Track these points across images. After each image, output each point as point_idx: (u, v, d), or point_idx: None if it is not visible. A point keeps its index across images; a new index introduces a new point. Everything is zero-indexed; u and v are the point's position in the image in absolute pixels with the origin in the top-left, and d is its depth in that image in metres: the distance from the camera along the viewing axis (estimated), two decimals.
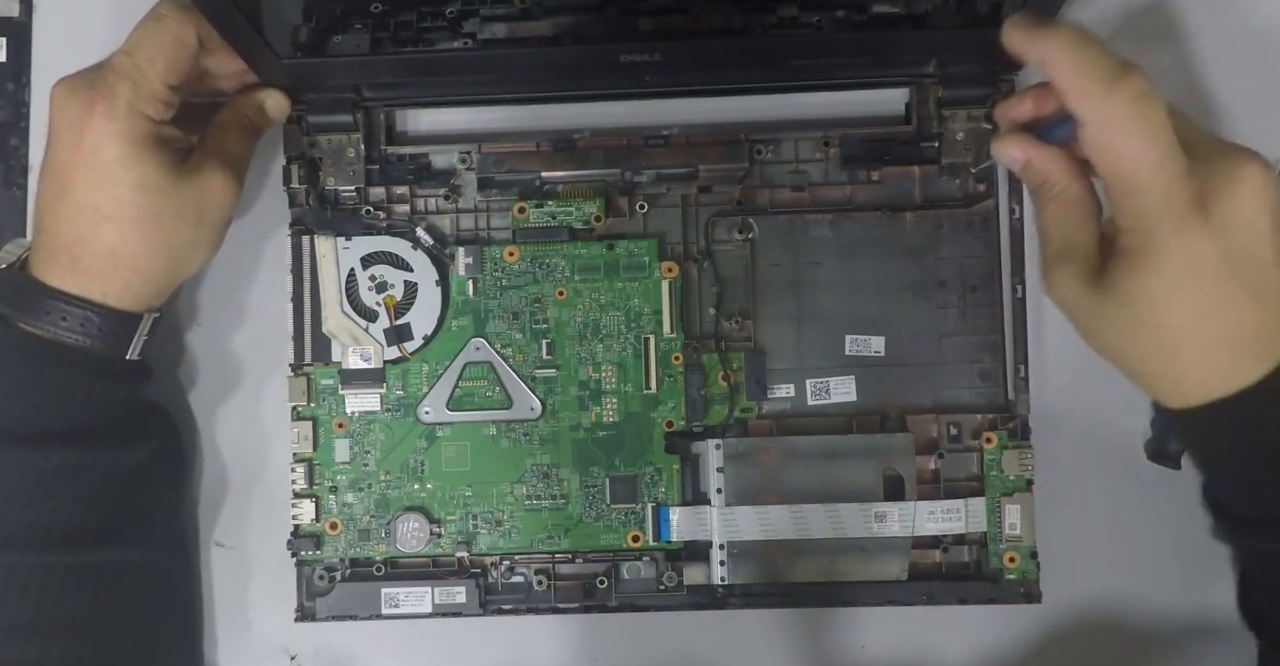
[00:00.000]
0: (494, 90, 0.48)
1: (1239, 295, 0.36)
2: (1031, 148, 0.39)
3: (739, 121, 0.48)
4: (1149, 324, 0.37)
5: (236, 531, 0.49)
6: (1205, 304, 0.36)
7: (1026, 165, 0.39)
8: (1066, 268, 0.38)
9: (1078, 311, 0.39)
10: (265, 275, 0.50)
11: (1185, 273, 0.36)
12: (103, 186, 0.40)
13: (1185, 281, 0.36)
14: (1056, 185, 0.39)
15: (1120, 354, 0.39)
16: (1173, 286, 0.36)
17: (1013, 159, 0.40)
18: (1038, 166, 0.39)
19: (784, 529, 0.46)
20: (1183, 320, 0.36)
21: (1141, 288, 0.36)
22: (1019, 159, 0.39)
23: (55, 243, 0.41)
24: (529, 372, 0.48)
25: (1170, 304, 0.36)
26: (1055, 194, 0.39)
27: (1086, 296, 0.38)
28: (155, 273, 0.42)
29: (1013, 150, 0.39)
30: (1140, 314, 0.37)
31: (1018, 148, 0.39)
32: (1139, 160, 0.35)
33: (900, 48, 0.45)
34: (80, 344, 0.41)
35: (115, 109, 0.40)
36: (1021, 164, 0.40)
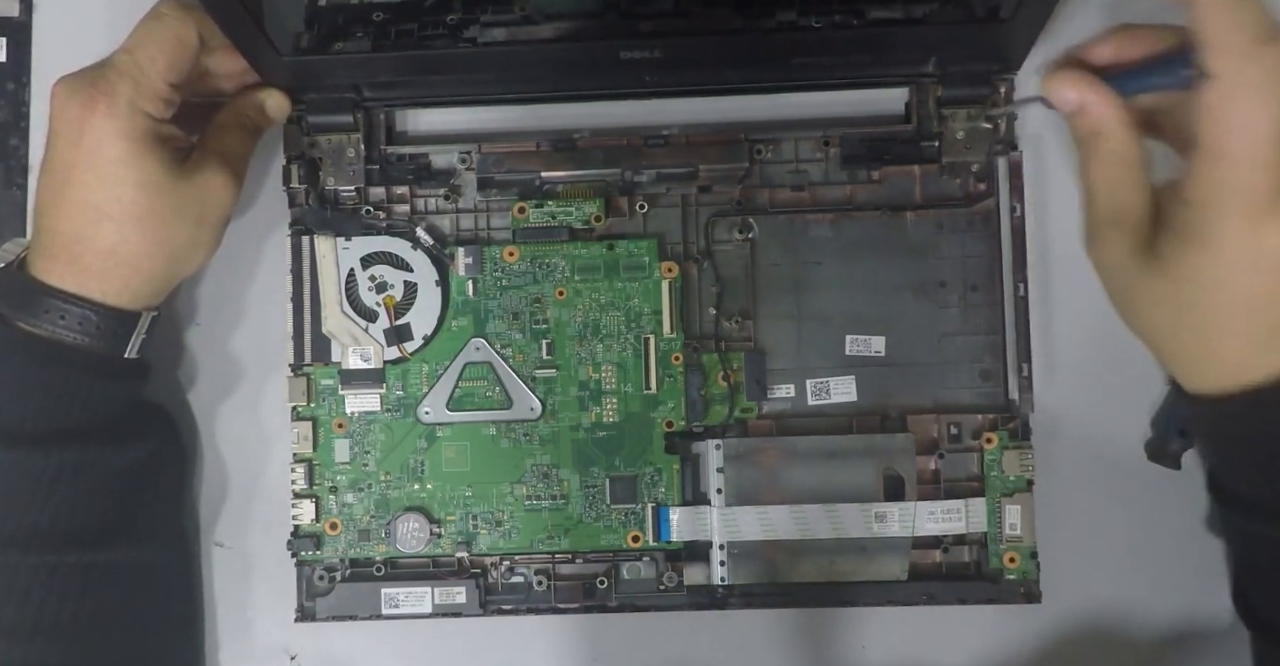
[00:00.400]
0: (494, 90, 0.48)
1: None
2: (1090, 89, 0.36)
3: (739, 121, 0.48)
4: (1192, 304, 0.36)
5: (236, 531, 0.49)
6: (1255, 296, 0.35)
7: (1081, 110, 0.36)
8: (1114, 233, 0.37)
9: (1120, 280, 0.37)
10: (265, 275, 0.50)
11: (1245, 261, 0.34)
12: (103, 185, 0.40)
13: (1242, 269, 0.34)
14: (1113, 139, 0.36)
15: (1156, 330, 0.38)
16: (1228, 272, 0.35)
17: (1064, 99, 0.36)
18: (1096, 113, 0.36)
19: (784, 529, 0.46)
20: (1227, 307, 0.35)
21: (1197, 267, 0.35)
22: (1072, 99, 0.36)
23: (55, 241, 0.41)
24: (529, 373, 0.48)
25: (1219, 288, 0.35)
26: (1110, 148, 0.36)
27: (1133, 266, 0.37)
28: (154, 271, 0.42)
29: (1066, 89, 0.36)
30: (1186, 292, 0.36)
31: (1073, 86, 0.36)
32: (1253, 133, 0.33)
33: (900, 47, 0.45)
34: (79, 343, 0.41)
35: (116, 107, 0.40)
36: (1075, 106, 0.36)
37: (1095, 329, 0.48)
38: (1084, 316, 0.48)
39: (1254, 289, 0.35)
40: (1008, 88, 0.47)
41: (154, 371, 0.46)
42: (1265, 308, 0.35)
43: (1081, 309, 0.48)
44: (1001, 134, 0.47)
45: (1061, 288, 0.48)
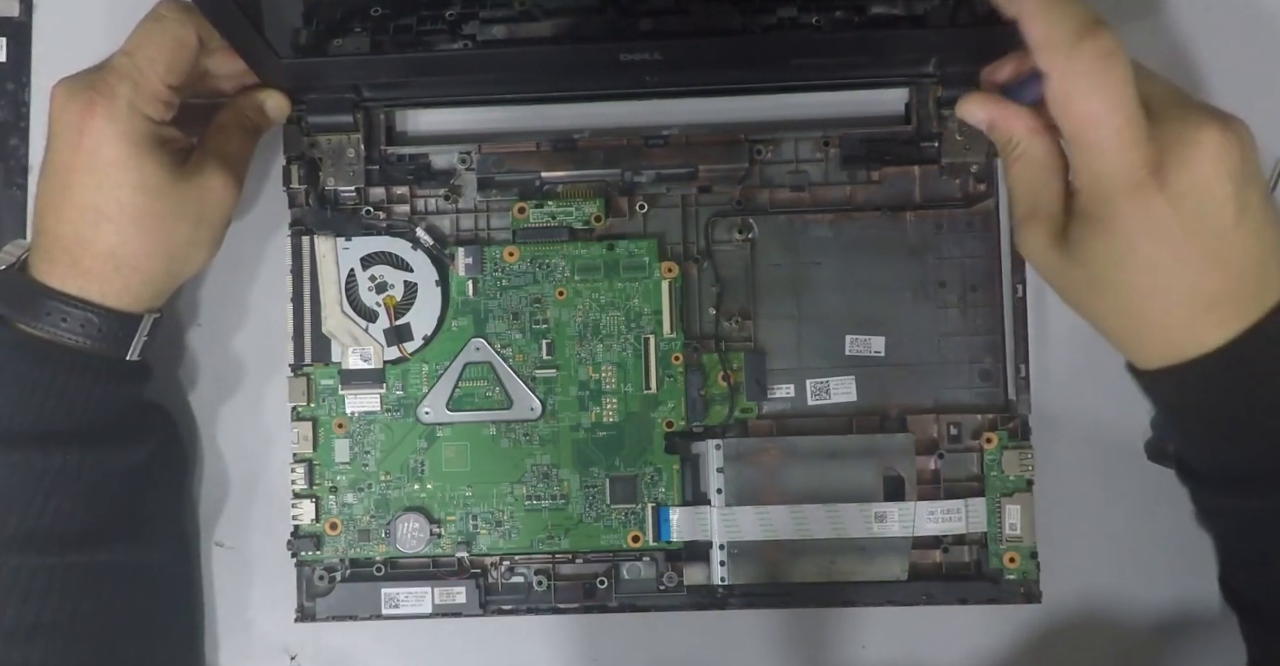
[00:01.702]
0: (494, 90, 0.48)
1: (1195, 259, 0.36)
2: (995, 106, 0.40)
3: (739, 121, 0.48)
4: (1107, 284, 0.37)
5: (237, 531, 0.49)
6: (1160, 267, 0.36)
7: (991, 124, 0.40)
8: (1032, 226, 0.39)
9: (1045, 270, 0.40)
10: (265, 275, 0.50)
11: (1140, 236, 0.36)
12: (103, 187, 0.40)
13: (1140, 244, 0.36)
14: (1020, 144, 0.39)
15: (1091, 314, 0.40)
16: (1127, 249, 0.36)
17: (976, 119, 0.40)
18: (1001, 125, 0.40)
19: (784, 529, 0.46)
20: (1138, 282, 0.37)
21: (1098, 249, 0.37)
22: (982, 119, 0.40)
23: (55, 243, 0.41)
24: (529, 373, 0.48)
25: (1124, 266, 0.36)
26: (1020, 152, 0.39)
27: (1052, 255, 0.39)
28: (155, 273, 0.42)
29: (975, 109, 0.40)
30: (1098, 274, 0.37)
31: (980, 106, 0.40)
32: (1099, 120, 0.35)
33: (899, 47, 0.45)
34: (80, 345, 0.41)
35: (115, 110, 0.40)
36: (986, 124, 0.40)
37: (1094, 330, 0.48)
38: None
39: (1156, 262, 0.36)
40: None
41: (154, 372, 0.46)
42: (1175, 275, 0.36)
43: None
44: None
45: None
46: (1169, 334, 0.37)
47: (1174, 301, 0.37)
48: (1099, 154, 0.35)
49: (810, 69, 0.47)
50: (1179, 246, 0.36)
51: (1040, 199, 0.39)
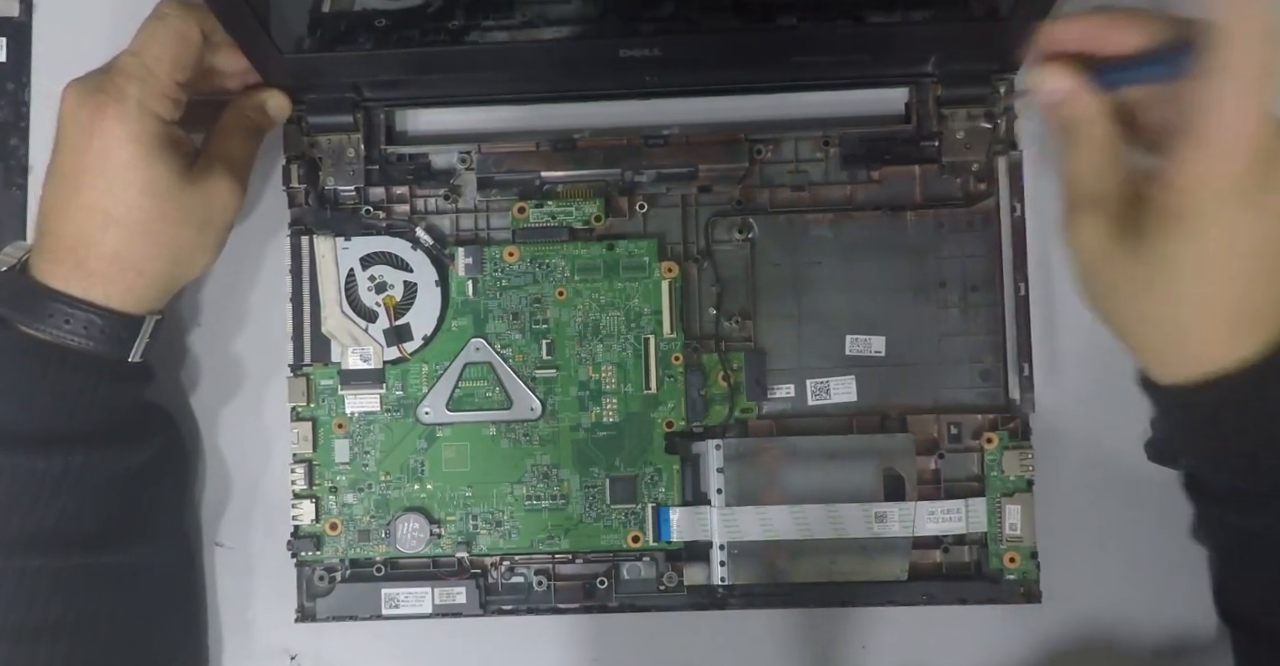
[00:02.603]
0: (494, 90, 0.48)
1: (1261, 274, 0.36)
2: (1079, 81, 0.37)
3: (739, 121, 0.48)
4: (1175, 288, 0.36)
5: (237, 532, 0.49)
6: (1237, 279, 0.35)
7: (1067, 100, 0.38)
8: (1093, 216, 0.37)
9: (1098, 266, 0.38)
10: (265, 275, 0.50)
11: (1228, 245, 0.35)
12: (111, 189, 0.40)
13: (1225, 254, 0.35)
14: (1096, 126, 0.37)
15: (1130, 317, 0.38)
16: (1212, 256, 0.35)
17: (1054, 89, 0.38)
18: (1081, 102, 0.37)
19: (784, 529, 0.46)
20: (1211, 291, 0.36)
21: (1181, 250, 0.35)
22: (1060, 90, 0.37)
23: (60, 245, 0.41)
24: (529, 373, 0.48)
25: (1203, 273, 0.35)
26: (1089, 135, 0.37)
27: (1112, 250, 0.37)
28: (159, 276, 0.42)
29: (1058, 80, 0.37)
30: (1169, 276, 0.36)
31: (1063, 78, 0.37)
32: (1243, 123, 0.34)
33: (899, 47, 0.45)
34: (83, 346, 0.41)
35: (126, 111, 0.40)
36: (1062, 96, 0.38)
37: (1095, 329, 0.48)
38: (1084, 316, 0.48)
39: (1233, 273, 0.35)
40: (1006, 86, 0.47)
41: (156, 373, 0.46)
42: (1242, 292, 0.36)
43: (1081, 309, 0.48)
44: (1001, 134, 0.47)
45: (1061, 288, 0.48)
46: (1211, 347, 0.37)
47: (1231, 316, 0.36)
48: (1225, 156, 0.34)
49: (810, 68, 0.47)
50: (1256, 263, 0.35)
51: (1106, 186, 0.37)
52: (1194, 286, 0.36)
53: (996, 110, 0.47)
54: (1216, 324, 0.36)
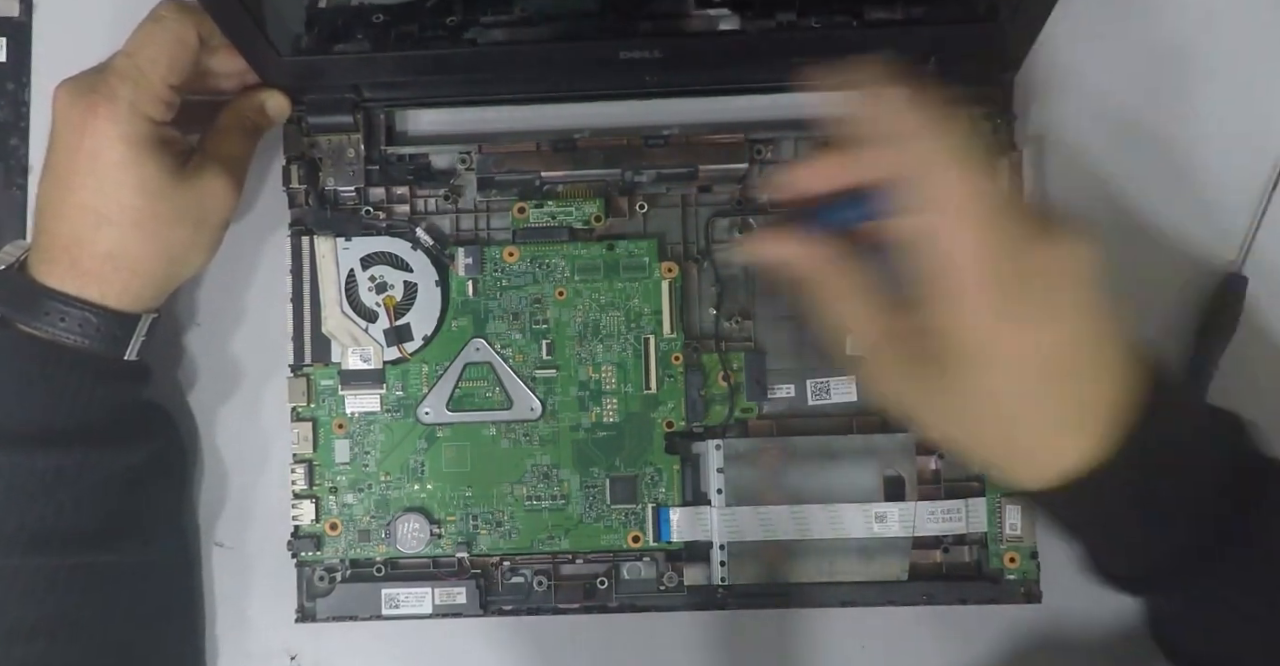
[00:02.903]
0: (494, 90, 0.48)
1: (1075, 379, 0.34)
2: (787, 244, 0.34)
3: (739, 121, 0.48)
4: (982, 414, 0.34)
5: (237, 532, 0.49)
6: (1029, 391, 0.34)
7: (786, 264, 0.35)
8: (884, 358, 0.35)
9: (912, 406, 0.36)
10: (265, 275, 0.50)
11: (1018, 369, 0.33)
12: (104, 189, 0.40)
13: (1018, 376, 0.33)
14: (847, 277, 0.35)
15: (964, 443, 0.36)
16: (1007, 381, 0.33)
17: (768, 259, 0.34)
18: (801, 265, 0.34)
19: (784, 529, 0.46)
20: (1022, 411, 0.34)
21: (973, 384, 0.34)
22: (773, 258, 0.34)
23: (55, 244, 0.41)
24: (529, 373, 0.48)
25: (1004, 398, 0.34)
26: (830, 287, 0.35)
27: (912, 388, 0.35)
28: (154, 274, 0.42)
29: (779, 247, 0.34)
30: (977, 406, 0.34)
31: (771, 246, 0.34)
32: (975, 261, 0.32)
33: (900, 47, 0.45)
34: (79, 345, 0.41)
35: (117, 111, 0.40)
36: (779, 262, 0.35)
37: None
38: None
39: (1039, 390, 0.34)
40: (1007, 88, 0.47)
41: (154, 372, 0.46)
42: (1044, 399, 0.34)
43: None
44: (1001, 134, 0.47)
45: None
46: (1044, 453, 0.35)
47: (1059, 421, 0.34)
48: (970, 295, 0.32)
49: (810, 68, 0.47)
50: (1058, 370, 0.33)
51: (871, 331, 0.35)
52: (1006, 410, 0.34)
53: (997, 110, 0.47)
54: (1045, 436, 0.35)
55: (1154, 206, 0.48)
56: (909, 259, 0.33)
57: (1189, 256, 0.48)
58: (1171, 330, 0.48)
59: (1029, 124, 0.48)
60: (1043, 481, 0.35)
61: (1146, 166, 0.48)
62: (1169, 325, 0.48)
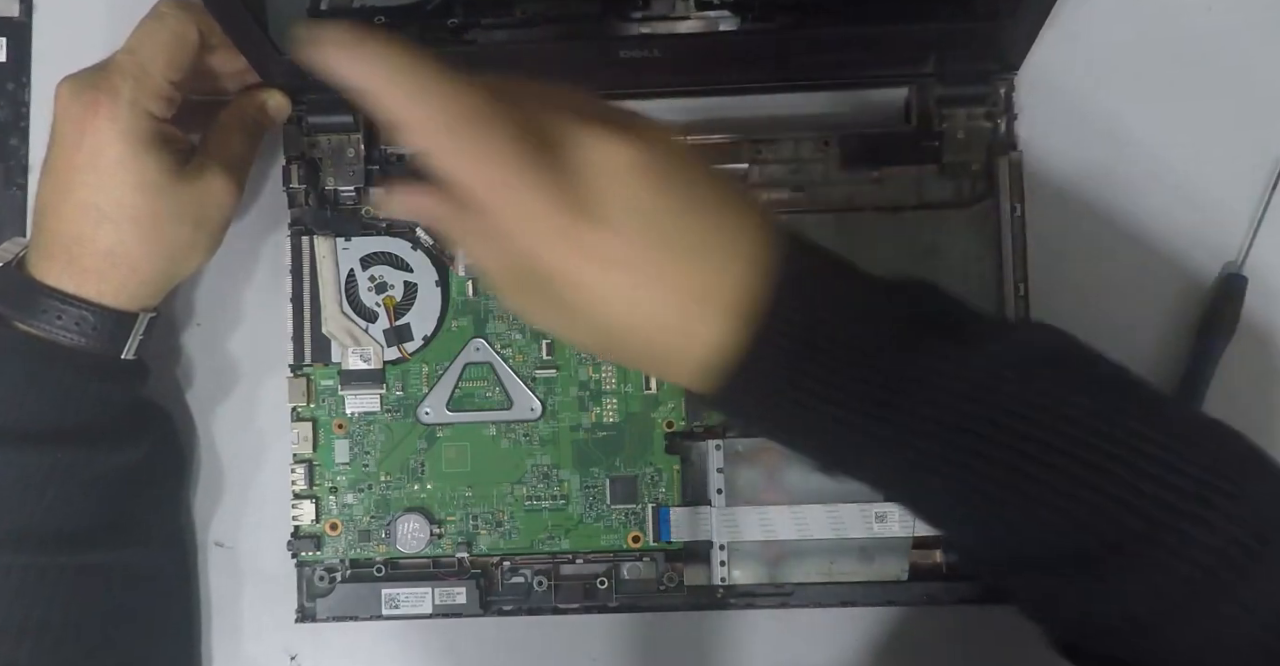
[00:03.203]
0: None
1: (667, 268, 0.32)
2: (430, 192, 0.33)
3: (739, 121, 0.48)
4: (614, 328, 0.33)
5: (237, 532, 0.49)
6: (638, 293, 0.32)
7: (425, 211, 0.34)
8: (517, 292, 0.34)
9: (556, 331, 0.35)
10: (265, 275, 0.50)
11: (605, 276, 0.32)
12: (104, 186, 0.40)
13: (610, 283, 0.32)
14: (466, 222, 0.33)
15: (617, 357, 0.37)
16: (602, 292, 0.32)
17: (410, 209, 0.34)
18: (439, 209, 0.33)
19: (784, 529, 0.46)
20: (630, 317, 0.33)
21: (582, 300, 0.32)
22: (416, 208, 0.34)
23: (54, 241, 0.41)
24: (529, 373, 0.48)
25: (610, 306, 0.32)
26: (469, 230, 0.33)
27: (551, 315, 0.34)
28: (153, 273, 0.42)
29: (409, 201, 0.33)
30: (599, 322, 0.33)
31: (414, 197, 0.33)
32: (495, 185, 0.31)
33: (900, 46, 0.45)
34: (75, 343, 0.41)
35: (118, 108, 0.40)
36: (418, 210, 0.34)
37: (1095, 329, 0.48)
38: (1083, 316, 0.48)
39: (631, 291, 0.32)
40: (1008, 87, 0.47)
41: (154, 373, 0.46)
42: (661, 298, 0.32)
43: (1081, 309, 0.48)
44: (1001, 134, 0.47)
45: (1061, 287, 0.48)
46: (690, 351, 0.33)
47: (673, 322, 0.33)
48: (516, 217, 0.31)
49: (810, 68, 0.47)
50: (643, 264, 0.32)
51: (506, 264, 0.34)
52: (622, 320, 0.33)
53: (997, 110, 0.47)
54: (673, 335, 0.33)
55: (1154, 206, 0.48)
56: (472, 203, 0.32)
57: (1189, 256, 0.48)
58: (1171, 330, 0.48)
59: (1029, 124, 0.48)
60: (696, 377, 0.34)
61: (1146, 166, 0.48)
62: (1169, 325, 0.48)
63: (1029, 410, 0.33)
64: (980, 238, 0.48)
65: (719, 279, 0.33)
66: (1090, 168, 0.49)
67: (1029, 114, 0.48)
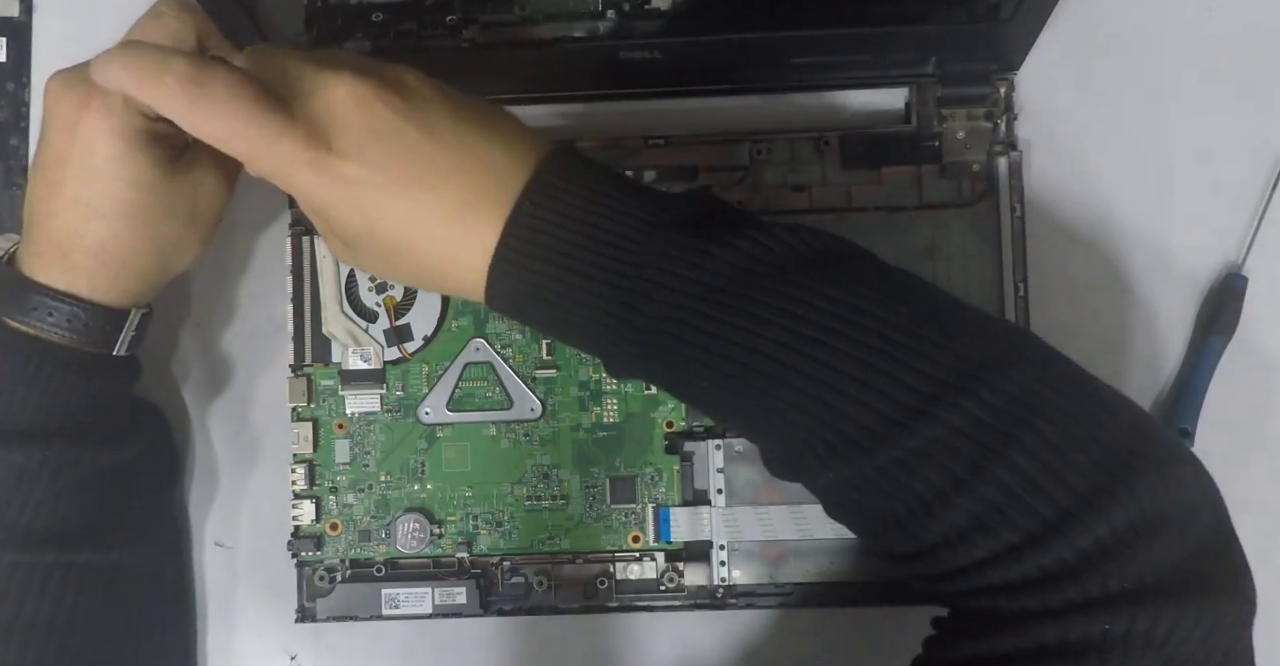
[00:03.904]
0: (494, 91, 0.48)
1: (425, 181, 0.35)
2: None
3: (739, 121, 0.48)
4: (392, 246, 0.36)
5: (236, 532, 0.49)
6: (401, 213, 0.35)
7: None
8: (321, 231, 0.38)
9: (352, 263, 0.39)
10: (265, 275, 0.50)
11: (350, 194, 0.35)
12: (95, 182, 0.40)
13: (357, 199, 0.35)
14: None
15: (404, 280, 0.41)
16: (355, 209, 0.35)
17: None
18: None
19: (784, 529, 0.46)
20: (400, 228, 0.36)
21: (340, 221, 0.36)
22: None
23: (45, 237, 0.41)
24: (529, 373, 0.48)
25: (374, 230, 0.36)
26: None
27: (339, 248, 0.38)
28: (144, 269, 0.42)
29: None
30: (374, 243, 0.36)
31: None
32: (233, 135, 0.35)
33: (900, 47, 0.45)
34: (66, 340, 0.41)
35: (110, 105, 0.40)
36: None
37: (1095, 329, 0.48)
38: (1083, 316, 0.48)
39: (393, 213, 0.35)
40: (1008, 87, 0.47)
41: (155, 373, 0.46)
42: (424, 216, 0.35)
43: (1081, 309, 0.48)
44: (1001, 134, 0.47)
45: (1061, 287, 0.48)
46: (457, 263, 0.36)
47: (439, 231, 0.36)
48: (262, 161, 0.35)
49: (810, 68, 0.47)
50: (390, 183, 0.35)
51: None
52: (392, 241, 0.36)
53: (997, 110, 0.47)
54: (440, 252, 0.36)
55: (1154, 206, 0.48)
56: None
57: (1189, 256, 0.48)
58: (1171, 330, 0.48)
59: (1029, 124, 0.48)
60: (473, 283, 0.36)
61: (1146, 166, 0.48)
62: (1169, 325, 0.48)
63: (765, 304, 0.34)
64: (980, 238, 0.48)
65: (484, 188, 0.35)
66: (1090, 168, 0.49)
67: (1029, 114, 0.48)
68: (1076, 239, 0.48)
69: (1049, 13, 0.41)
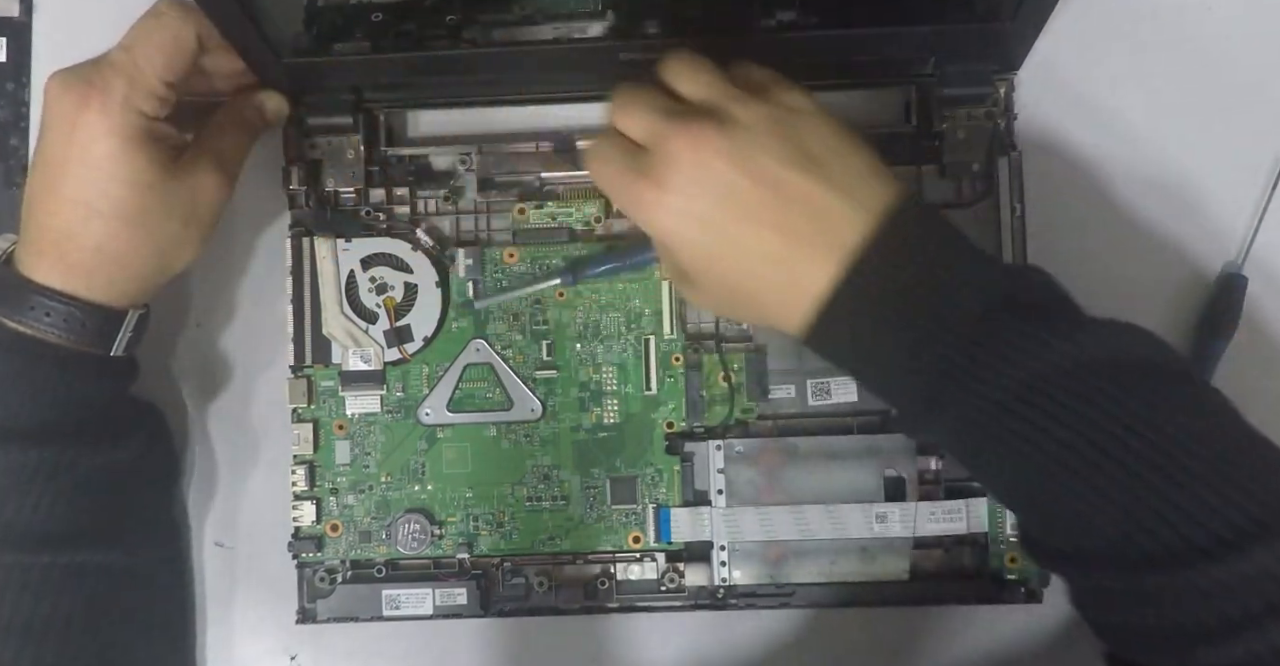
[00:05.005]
0: (494, 91, 0.48)
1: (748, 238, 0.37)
2: None
3: None
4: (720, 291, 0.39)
5: (237, 532, 0.49)
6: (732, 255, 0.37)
7: None
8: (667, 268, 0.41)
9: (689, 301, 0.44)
10: (265, 276, 0.50)
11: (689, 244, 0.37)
12: (94, 182, 0.40)
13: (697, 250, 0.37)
14: None
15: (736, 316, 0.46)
16: (695, 260, 0.38)
17: None
18: None
19: (785, 530, 0.46)
20: (732, 279, 0.38)
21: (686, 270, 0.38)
22: None
23: (43, 237, 0.41)
24: (529, 374, 0.48)
25: (710, 274, 0.38)
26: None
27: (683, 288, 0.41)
28: (141, 269, 0.42)
29: None
30: (706, 288, 0.39)
31: None
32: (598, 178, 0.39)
33: (900, 47, 0.45)
34: (64, 341, 0.41)
35: (110, 104, 0.40)
36: None
37: None
38: None
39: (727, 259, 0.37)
40: (1008, 87, 0.47)
41: (156, 373, 0.46)
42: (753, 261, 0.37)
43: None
44: (1001, 134, 0.47)
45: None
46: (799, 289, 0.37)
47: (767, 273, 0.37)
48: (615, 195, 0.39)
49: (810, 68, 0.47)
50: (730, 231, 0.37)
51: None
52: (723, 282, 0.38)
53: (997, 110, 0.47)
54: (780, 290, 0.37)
55: (1154, 206, 0.48)
56: None
57: (1189, 256, 0.48)
58: (1171, 330, 0.48)
59: (1029, 124, 0.48)
60: (799, 318, 0.37)
61: (1146, 166, 0.48)
62: (1169, 325, 0.48)
63: (1097, 407, 0.34)
64: (980, 238, 0.48)
65: (811, 236, 0.36)
66: (1090, 167, 0.49)
67: (1029, 114, 0.48)
68: (1076, 239, 0.48)
69: (1049, 13, 0.41)
